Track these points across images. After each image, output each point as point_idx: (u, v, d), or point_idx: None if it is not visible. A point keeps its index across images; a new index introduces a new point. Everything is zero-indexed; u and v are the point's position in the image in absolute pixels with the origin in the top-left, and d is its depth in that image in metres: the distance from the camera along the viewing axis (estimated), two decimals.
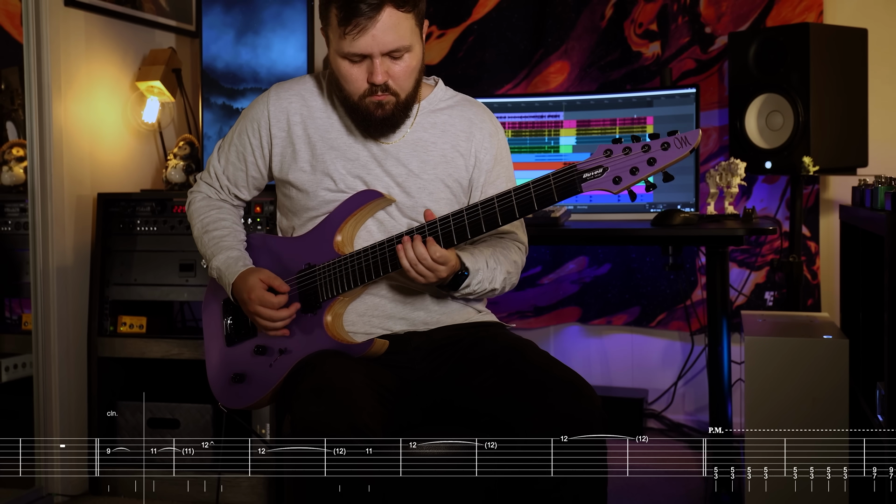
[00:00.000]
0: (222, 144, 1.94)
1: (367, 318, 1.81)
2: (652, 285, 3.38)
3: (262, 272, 1.80)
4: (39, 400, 2.71)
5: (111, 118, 2.97)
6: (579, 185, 1.58)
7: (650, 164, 1.54)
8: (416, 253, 1.66)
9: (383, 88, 1.72)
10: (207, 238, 1.89)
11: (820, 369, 2.31)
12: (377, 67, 1.69)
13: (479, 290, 1.77)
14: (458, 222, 1.66)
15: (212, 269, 1.87)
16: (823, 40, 2.80)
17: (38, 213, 2.69)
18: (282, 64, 3.04)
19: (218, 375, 1.90)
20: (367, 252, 1.73)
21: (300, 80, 1.89)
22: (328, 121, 1.84)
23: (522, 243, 1.91)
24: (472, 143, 1.86)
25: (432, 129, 1.85)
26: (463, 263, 1.72)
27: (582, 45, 3.39)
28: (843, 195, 3.14)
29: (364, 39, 1.67)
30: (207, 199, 1.96)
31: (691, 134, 1.52)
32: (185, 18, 3.25)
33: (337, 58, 1.72)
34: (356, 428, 1.54)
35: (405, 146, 1.82)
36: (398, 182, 1.81)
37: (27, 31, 2.66)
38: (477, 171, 1.87)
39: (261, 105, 1.87)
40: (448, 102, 1.89)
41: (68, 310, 2.77)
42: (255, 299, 1.77)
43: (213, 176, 1.95)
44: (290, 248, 1.85)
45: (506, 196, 1.63)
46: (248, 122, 1.88)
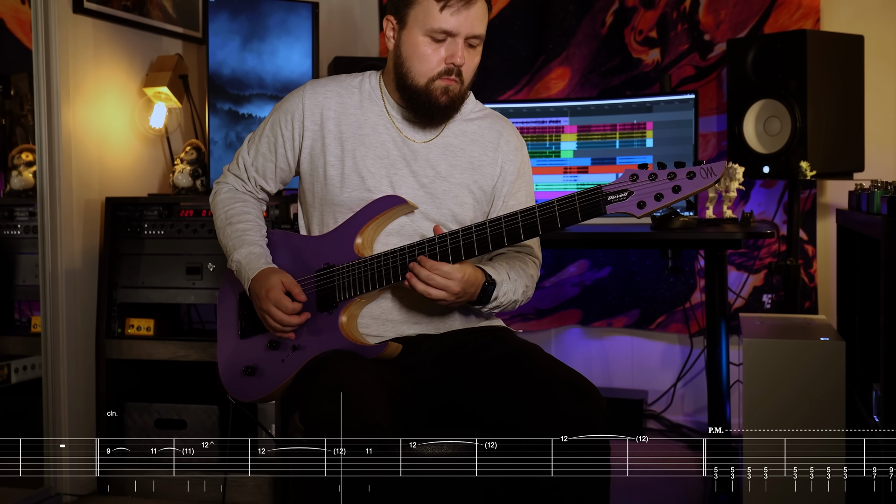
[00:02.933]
0: (252, 137, 1.96)
1: (382, 322, 1.83)
2: (651, 288, 3.41)
3: (285, 276, 1.81)
4: (48, 401, 2.73)
5: (119, 123, 3.00)
6: (603, 207, 1.60)
7: (675, 192, 1.56)
8: (422, 276, 1.68)
9: (457, 73, 1.78)
10: (230, 230, 1.91)
11: (817, 371, 2.32)
12: (459, 49, 1.76)
13: (506, 302, 1.80)
14: (480, 234, 1.68)
15: (232, 262, 1.88)
16: (821, 47, 2.83)
17: (48, 217, 2.71)
18: (287, 70, 3.08)
19: (229, 367, 1.91)
20: (386, 256, 1.75)
21: (336, 78, 1.92)
22: (362, 117, 1.86)
23: (537, 257, 1.94)
24: (498, 154, 1.90)
25: (462, 136, 1.89)
26: (488, 276, 1.75)
27: (583, 52, 3.43)
28: (840, 199, 3.16)
29: (460, 17, 1.73)
30: (233, 190, 1.97)
31: (717, 165, 1.54)
32: (192, 25, 3.27)
33: (417, 35, 1.76)
34: (369, 428, 1.55)
35: (435, 148, 1.86)
36: (423, 184, 1.84)
37: (36, 37, 2.68)
38: (501, 182, 1.90)
39: (296, 98, 1.89)
40: (479, 114, 1.94)
41: (77, 312, 2.79)
42: (271, 298, 1.77)
43: (241, 167, 1.97)
44: (311, 246, 1.87)
45: (529, 212, 1.65)
46: (282, 114, 1.90)
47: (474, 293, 1.73)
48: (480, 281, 1.73)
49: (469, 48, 1.78)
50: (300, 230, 1.96)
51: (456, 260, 1.70)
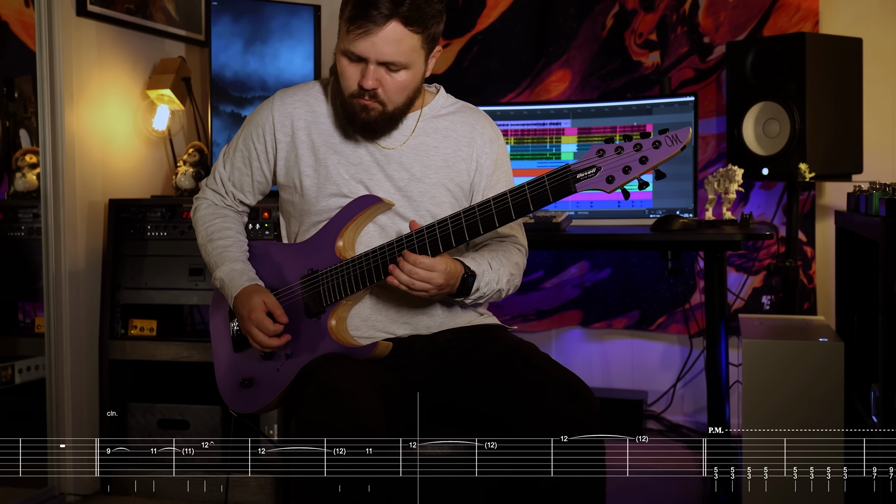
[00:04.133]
0: (227, 150, 1.96)
1: (372, 323, 1.83)
2: (651, 289, 3.42)
3: (268, 296, 1.82)
4: (52, 401, 2.74)
5: (122, 126, 3.02)
6: (573, 185, 1.59)
7: (642, 163, 1.55)
8: (405, 270, 1.68)
9: (371, 95, 1.75)
10: (212, 247, 1.92)
11: (816, 371, 2.34)
12: (370, 73, 1.73)
13: (489, 293, 1.80)
14: (455, 225, 1.68)
15: (215, 279, 1.90)
16: (819, 49, 2.84)
17: (51, 219, 2.73)
18: (289, 73, 3.10)
19: (227, 381, 1.92)
20: (367, 256, 1.75)
21: (305, 86, 1.92)
22: (332, 126, 1.86)
23: (522, 245, 1.93)
24: (473, 148, 1.89)
25: (434, 133, 1.88)
26: (467, 267, 1.75)
27: (583, 55, 3.44)
28: (839, 201, 3.17)
29: (364, 43, 1.70)
30: (213, 206, 1.98)
31: (682, 132, 1.54)
32: (195, 28, 3.29)
33: (339, 52, 1.76)
34: (360, 429, 1.56)
35: (408, 151, 1.86)
36: (399, 187, 1.84)
37: (40, 40, 2.70)
38: (478, 176, 1.90)
39: (265, 111, 1.89)
40: (449, 109, 1.92)
41: (80, 313, 2.81)
42: (253, 320, 1.79)
43: (218, 182, 1.97)
44: (293, 254, 1.88)
45: (502, 198, 1.65)
46: (253, 128, 1.90)
47: (454, 285, 1.73)
48: (460, 273, 1.73)
49: (388, 71, 1.74)
50: (283, 239, 1.97)
51: (435, 253, 1.70)
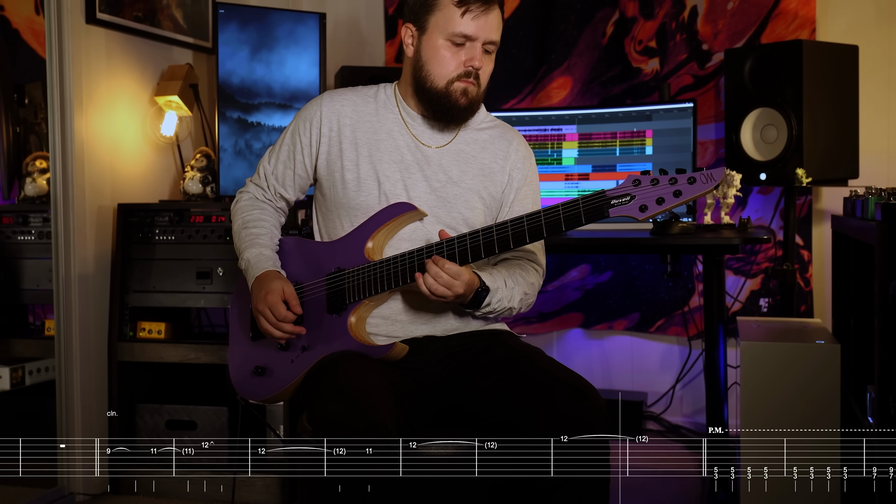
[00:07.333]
0: (273, 147, 2.03)
1: (391, 323, 1.88)
2: (651, 292, 3.45)
3: (288, 285, 1.86)
4: (61, 402, 2.76)
5: (131, 131, 3.04)
6: (606, 211, 1.65)
7: (675, 196, 1.60)
8: (431, 273, 1.72)
9: (475, 75, 1.86)
10: (245, 233, 1.97)
11: (812, 373, 2.36)
12: (477, 52, 1.85)
13: (499, 309, 1.85)
14: (487, 237, 1.73)
15: (242, 260, 1.94)
16: (816, 57, 2.87)
17: (61, 223, 2.75)
18: (295, 79, 3.14)
19: (240, 367, 1.96)
20: (395, 260, 1.80)
21: (354, 89, 2.00)
22: (378, 124, 1.93)
23: (541, 265, 1.99)
24: (507, 162, 1.97)
25: (474, 143, 1.96)
26: (483, 282, 1.80)
27: (584, 62, 3.48)
28: (835, 206, 3.20)
29: (479, 22, 1.83)
30: (253, 199, 2.04)
31: (717, 171, 1.59)
32: (202, 35, 3.32)
33: (438, 40, 1.84)
34: (374, 427, 1.59)
35: (448, 154, 1.93)
36: (434, 189, 1.90)
37: (50, 47, 2.73)
38: (508, 189, 1.97)
39: (314, 106, 1.96)
40: (489, 124, 2.01)
41: (89, 316, 2.83)
42: (268, 301, 1.82)
43: (262, 176, 2.03)
44: (323, 251, 1.93)
45: (535, 216, 1.70)
46: (301, 122, 1.97)
47: (468, 296, 1.79)
48: (476, 286, 1.79)
49: (485, 53, 1.87)
50: (315, 235, 2.02)
51: (462, 263, 1.75)
